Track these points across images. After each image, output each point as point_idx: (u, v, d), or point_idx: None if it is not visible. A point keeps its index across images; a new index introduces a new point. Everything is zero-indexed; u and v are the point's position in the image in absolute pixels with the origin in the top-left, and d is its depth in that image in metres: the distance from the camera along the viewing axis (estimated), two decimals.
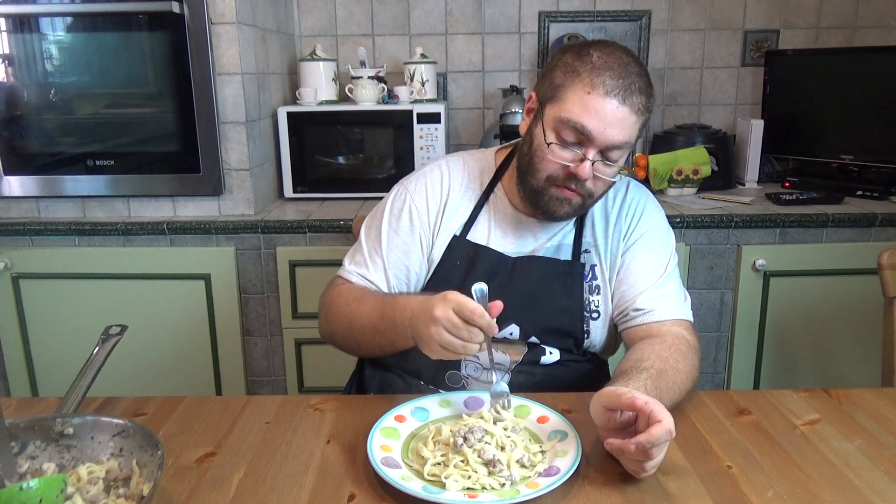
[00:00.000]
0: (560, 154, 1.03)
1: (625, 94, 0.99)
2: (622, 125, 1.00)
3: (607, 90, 0.99)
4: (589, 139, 1.01)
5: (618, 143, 1.01)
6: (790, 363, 2.00)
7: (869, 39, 2.38)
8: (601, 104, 0.99)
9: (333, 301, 1.13)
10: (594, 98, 0.99)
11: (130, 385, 1.92)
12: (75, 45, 1.87)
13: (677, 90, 2.44)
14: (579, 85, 1.00)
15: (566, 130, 1.02)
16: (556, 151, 1.03)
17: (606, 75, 0.99)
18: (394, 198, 1.19)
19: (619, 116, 1.00)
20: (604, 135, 1.00)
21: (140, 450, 0.77)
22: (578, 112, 1.00)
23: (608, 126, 1.00)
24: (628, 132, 1.02)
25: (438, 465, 0.83)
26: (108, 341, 1.00)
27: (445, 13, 2.37)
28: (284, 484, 0.82)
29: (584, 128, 1.00)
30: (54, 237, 1.90)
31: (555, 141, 1.03)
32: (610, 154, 1.03)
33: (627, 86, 0.99)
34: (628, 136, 1.02)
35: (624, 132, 1.01)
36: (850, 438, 0.92)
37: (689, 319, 1.12)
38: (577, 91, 1.01)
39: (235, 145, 1.89)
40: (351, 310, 1.09)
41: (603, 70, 1.00)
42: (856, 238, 1.90)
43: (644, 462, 0.79)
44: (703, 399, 1.03)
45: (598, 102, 0.99)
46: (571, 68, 1.02)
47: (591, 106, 0.99)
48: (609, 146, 1.02)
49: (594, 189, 1.06)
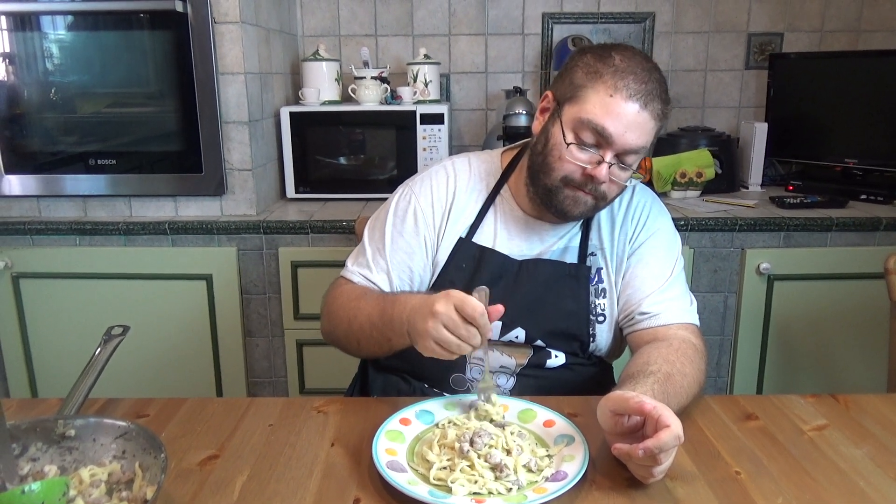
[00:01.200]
0: (577, 155, 1.03)
1: (646, 98, 0.99)
2: (641, 130, 1.00)
3: (630, 94, 0.99)
4: (608, 142, 1.00)
5: (635, 148, 1.01)
6: (794, 367, 2.00)
7: (873, 43, 2.37)
8: (623, 107, 0.99)
9: (335, 300, 1.13)
10: (616, 101, 0.99)
11: (130, 385, 1.92)
12: (77, 43, 1.86)
13: (681, 93, 2.43)
14: (602, 86, 1.00)
15: (585, 131, 1.01)
16: (574, 152, 1.03)
17: (630, 79, 0.99)
18: (398, 199, 1.18)
19: (640, 121, 1.00)
20: (623, 138, 1.00)
21: (143, 452, 0.76)
22: (600, 114, 1.00)
23: (628, 130, 0.99)
24: (646, 137, 1.01)
25: (444, 469, 0.82)
26: (111, 342, 0.99)
27: (449, 14, 2.36)
28: (288, 487, 0.81)
29: (604, 130, 1.00)
30: (55, 237, 1.89)
31: (574, 141, 1.03)
32: (626, 158, 1.03)
33: (649, 91, 0.99)
34: (645, 140, 1.02)
35: (642, 137, 1.01)
36: (858, 444, 0.91)
37: (696, 323, 1.11)
38: (599, 92, 1.00)
39: (238, 145, 1.88)
40: (351, 307, 1.08)
41: (627, 73, 0.99)
42: (860, 242, 1.90)
43: (652, 467, 0.78)
44: (710, 404, 1.02)
45: (620, 105, 0.99)
46: (594, 69, 1.01)
47: (613, 109, 0.99)
48: (626, 150, 1.01)
49: (608, 192, 1.06)
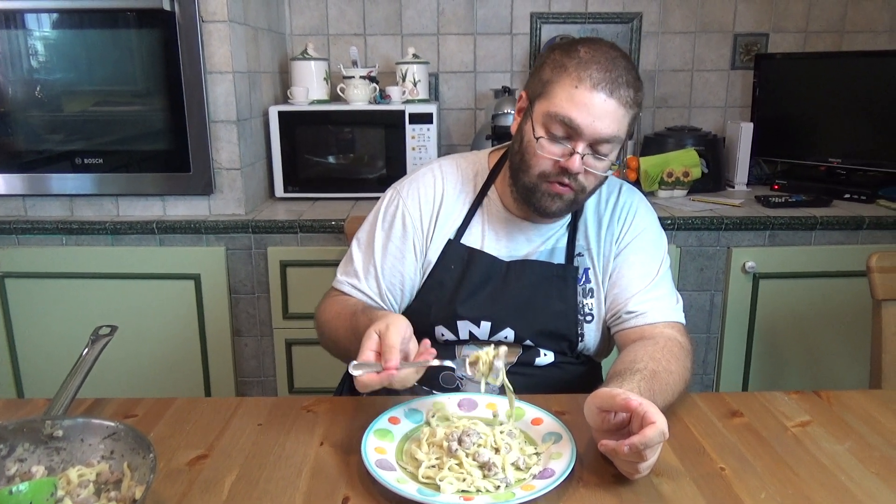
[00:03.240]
0: (549, 149, 1.04)
1: (612, 86, 1.00)
2: (611, 118, 1.01)
3: (594, 83, 0.99)
4: (577, 132, 1.01)
5: (606, 137, 1.02)
6: (779, 364, 2.02)
7: (857, 44, 2.40)
8: (588, 97, 1.00)
9: (321, 314, 1.15)
10: (581, 91, 1.00)
11: (118, 385, 1.91)
12: (62, 41, 1.85)
13: (668, 92, 2.45)
14: (567, 79, 1.01)
15: (555, 125, 1.02)
16: (546, 146, 1.04)
17: (594, 69, 1.00)
18: (386, 203, 1.18)
19: (608, 109, 1.00)
20: (592, 127, 1.00)
21: (131, 452, 0.76)
22: (566, 106, 1.01)
23: (596, 119, 1.00)
24: (617, 125, 1.02)
25: (433, 467, 0.83)
26: (98, 342, 0.99)
27: (438, 13, 2.36)
28: (277, 487, 0.82)
29: (572, 121, 1.00)
30: (41, 236, 1.87)
31: (544, 135, 1.04)
32: (600, 148, 1.03)
33: (615, 79, 1.00)
34: (617, 129, 1.02)
35: (612, 125, 1.01)
36: (840, 440, 0.93)
37: (682, 321, 1.12)
38: (564, 86, 1.01)
39: (226, 144, 1.87)
40: (332, 326, 1.11)
41: (590, 64, 1.00)
42: (844, 241, 1.92)
43: (637, 463, 0.79)
44: (696, 401, 1.03)
45: (585, 96, 1.00)
46: (559, 64, 1.03)
47: (579, 99, 1.00)
48: (598, 139, 1.02)
49: (586, 183, 1.06)
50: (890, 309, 1.31)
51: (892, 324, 1.32)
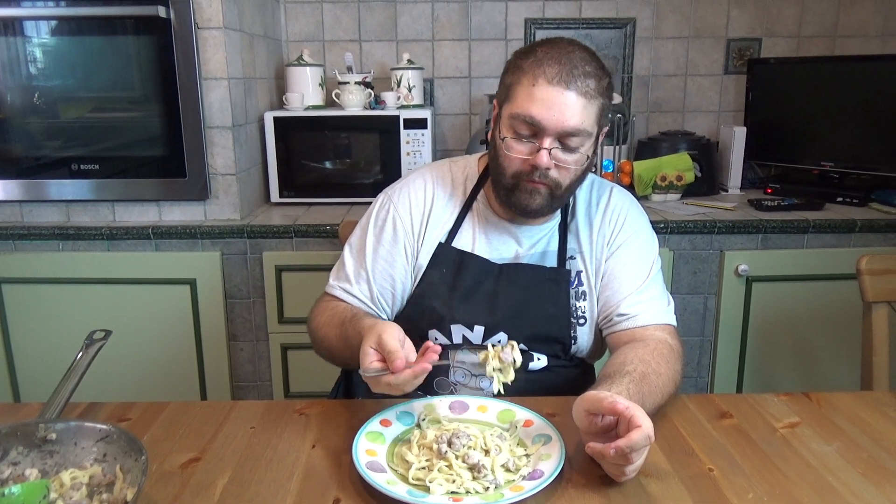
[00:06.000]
0: (517, 148, 1.06)
1: (567, 78, 1.01)
2: (571, 110, 1.02)
3: (549, 78, 1.01)
4: (541, 128, 1.03)
5: (570, 129, 1.03)
6: (772, 367, 2.03)
7: (849, 48, 2.42)
8: (545, 93, 1.01)
9: (313, 320, 1.17)
10: (539, 88, 1.02)
11: (114, 390, 1.91)
12: (60, 48, 1.86)
13: (661, 97, 2.47)
14: (525, 79, 1.04)
15: (520, 125, 1.04)
16: (513, 146, 1.06)
17: (548, 65, 1.02)
18: (378, 208, 1.20)
19: (567, 102, 1.01)
20: (554, 121, 1.02)
21: (124, 455, 0.77)
22: (526, 104, 1.03)
23: (556, 112, 1.01)
24: (580, 117, 1.02)
25: (423, 469, 0.84)
26: (92, 346, 0.99)
27: (432, 19, 2.38)
28: (269, 489, 0.82)
29: (532, 118, 1.02)
30: (38, 242, 1.88)
31: (509, 136, 1.06)
32: (568, 141, 1.04)
33: (569, 71, 1.01)
34: (580, 120, 1.03)
35: (575, 117, 1.02)
36: (828, 441, 0.94)
37: (673, 324, 1.13)
38: (524, 85, 1.04)
39: (222, 150, 1.88)
40: (324, 334, 1.12)
41: (545, 61, 1.02)
42: (836, 244, 1.93)
43: (624, 466, 0.80)
44: (686, 402, 1.04)
45: (542, 92, 1.02)
46: (518, 67, 1.06)
47: (537, 95, 1.02)
48: (563, 132, 1.03)
49: (560, 179, 1.07)
50: (880, 311, 1.32)
51: (882, 326, 1.33)
